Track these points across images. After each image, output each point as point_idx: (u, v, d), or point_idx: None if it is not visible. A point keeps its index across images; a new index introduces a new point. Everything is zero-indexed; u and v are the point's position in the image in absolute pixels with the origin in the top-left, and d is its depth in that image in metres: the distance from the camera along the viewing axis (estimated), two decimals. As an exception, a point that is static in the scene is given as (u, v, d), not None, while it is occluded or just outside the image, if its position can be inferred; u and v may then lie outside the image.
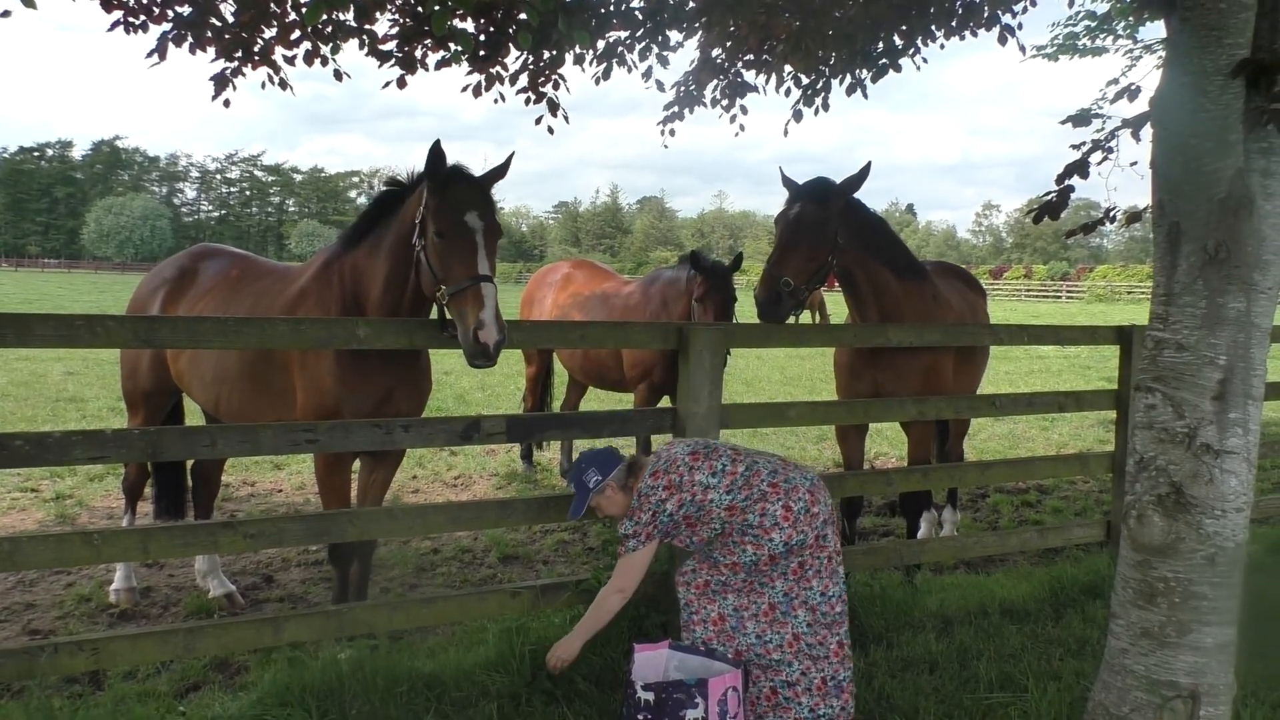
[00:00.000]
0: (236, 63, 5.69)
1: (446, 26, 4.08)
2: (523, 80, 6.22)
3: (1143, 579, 3.27)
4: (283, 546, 5.57)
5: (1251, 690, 3.91)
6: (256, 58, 5.70)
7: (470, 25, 5.72)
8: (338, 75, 5.88)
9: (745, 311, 5.90)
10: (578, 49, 6.07)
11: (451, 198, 3.85)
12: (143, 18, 5.31)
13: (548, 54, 6.03)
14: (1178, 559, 3.19)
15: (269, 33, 5.60)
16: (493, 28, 5.74)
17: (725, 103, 7.01)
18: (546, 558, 6.30)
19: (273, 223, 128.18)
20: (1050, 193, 3.81)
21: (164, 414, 5.41)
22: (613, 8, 5.96)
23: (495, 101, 6.32)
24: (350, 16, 5.51)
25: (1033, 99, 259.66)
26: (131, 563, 5.29)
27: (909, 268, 5.48)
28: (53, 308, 27.30)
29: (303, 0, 5.33)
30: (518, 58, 6.06)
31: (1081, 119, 3.72)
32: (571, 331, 4.98)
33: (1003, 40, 6.20)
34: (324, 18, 5.30)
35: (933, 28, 6.17)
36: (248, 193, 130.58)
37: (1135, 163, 4.17)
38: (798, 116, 7.05)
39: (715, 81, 6.89)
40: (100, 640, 3.46)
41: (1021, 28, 6.34)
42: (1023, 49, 6.51)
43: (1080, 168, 3.78)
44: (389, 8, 5.60)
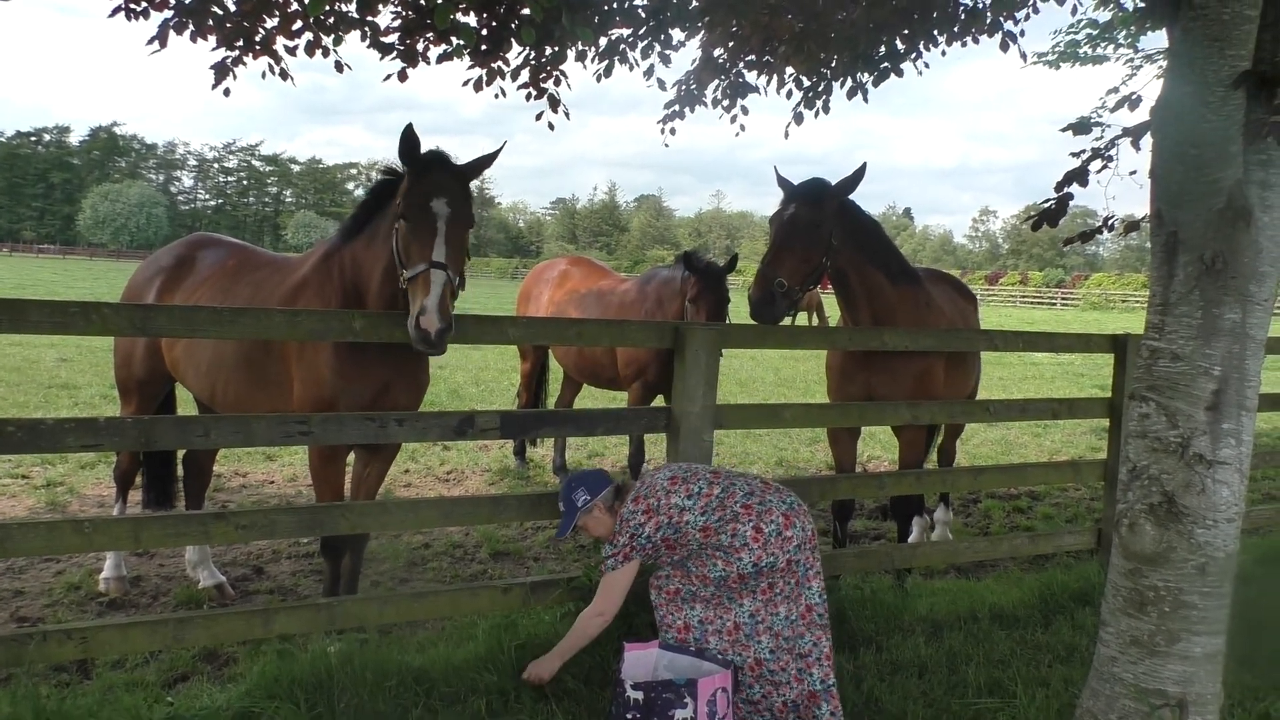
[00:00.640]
0: (237, 52, 5.66)
1: (449, 20, 4.07)
2: (524, 76, 6.21)
3: (1133, 587, 3.28)
4: (274, 538, 5.56)
5: (1239, 700, 3.92)
6: (258, 47, 5.67)
7: (473, 19, 5.71)
8: (339, 67, 5.86)
9: (740, 312, 5.90)
10: (580, 45, 6.05)
11: (421, 182, 3.84)
12: (144, 4, 5.28)
13: (550, 50, 6.02)
14: (1168, 568, 3.20)
15: (271, 22, 5.57)
16: (495, 22, 5.73)
17: (726, 103, 7.00)
18: (538, 554, 6.29)
19: (269, 213, 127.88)
20: (1049, 200, 3.81)
21: (157, 403, 5.40)
22: (616, 5, 5.95)
23: (496, 96, 6.31)
24: (353, 8, 5.50)
25: (1032, 106, 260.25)
26: (122, 552, 5.27)
27: (902, 272, 5.48)
28: (47, 294, 27.21)
29: (305, -9, 5.31)
30: (520, 53, 6.05)
31: (1082, 127, 3.73)
32: (567, 328, 4.98)
33: (1004, 47, 6.20)
34: (327, 9, 5.30)
35: (935, 32, 6.17)
36: (245, 182, 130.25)
37: (1134, 172, 4.18)
38: (798, 119, 7.05)
39: (716, 81, 6.89)
40: (89, 629, 3.45)
41: (1024, 34, 6.35)
42: (1024, 56, 6.51)
43: (1079, 175, 3.78)
44: (392, 0, 5.59)
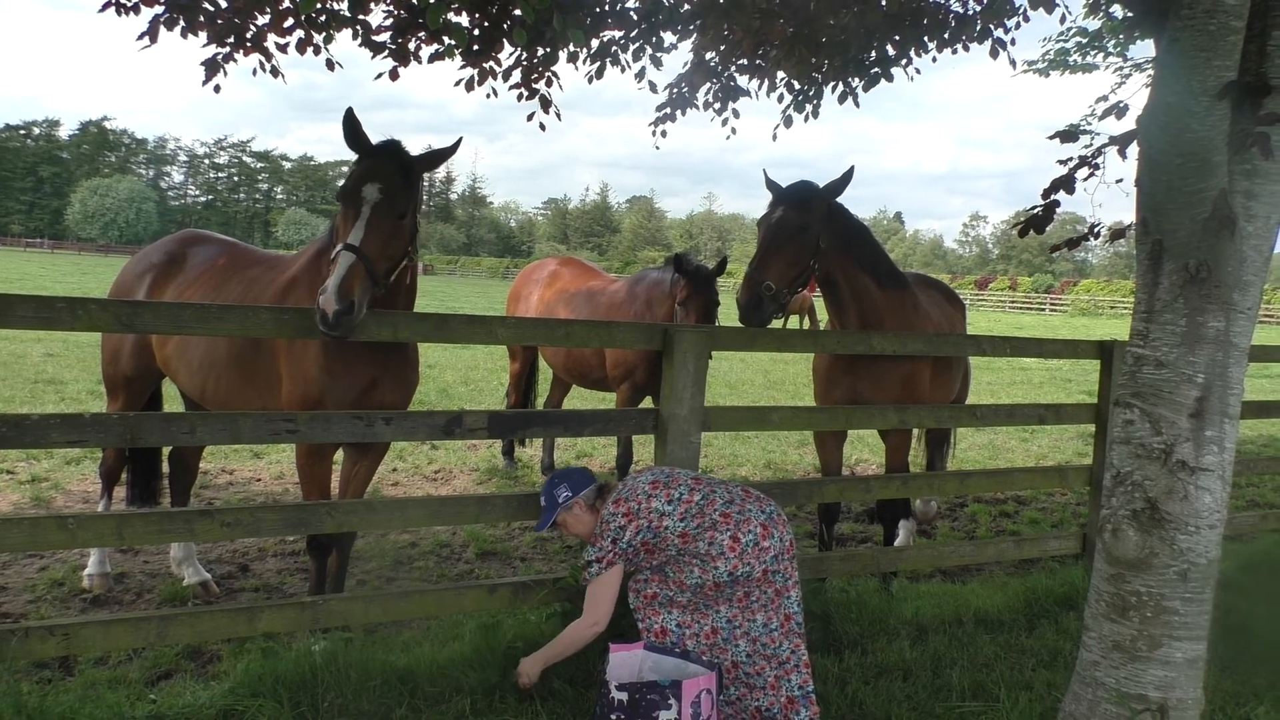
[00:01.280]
0: (228, 48, 5.65)
1: (441, 20, 4.07)
2: (516, 76, 6.22)
3: (1116, 592, 3.30)
4: (260, 536, 5.54)
5: (1220, 706, 3.95)
6: (249, 44, 5.66)
7: (465, 19, 5.71)
8: (330, 65, 5.85)
9: (730, 314, 5.91)
10: (572, 47, 6.06)
11: (360, 167, 3.85)
12: (135, 0, 5.27)
13: (542, 51, 6.02)
14: (1151, 574, 3.22)
15: (262, 20, 5.56)
16: (487, 23, 5.73)
17: (717, 105, 7.02)
18: (525, 554, 6.29)
19: (260, 209, 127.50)
20: (1036, 207, 3.84)
21: (144, 400, 5.38)
22: (608, 7, 5.96)
23: (488, 96, 6.32)
24: (344, 6, 5.50)
25: (1022, 113, 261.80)
26: (106, 548, 5.25)
27: (890, 276, 5.49)
28: (34, 288, 27.06)
29: (297, -12, 5.30)
30: (511, 53, 6.05)
31: (1070, 135, 3.75)
32: (556, 329, 4.97)
33: (994, 54, 6.23)
34: (318, 6, 5.29)
35: (925, 39, 6.20)
36: (235, 178, 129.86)
37: (1121, 180, 4.20)
38: (788, 122, 7.07)
39: (708, 84, 6.90)
40: (72, 625, 3.43)
41: (1014, 42, 6.37)
42: (1013, 63, 6.54)
43: (1066, 183, 3.81)
44: (383, -1, 5.59)
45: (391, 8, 5.69)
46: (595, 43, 6.27)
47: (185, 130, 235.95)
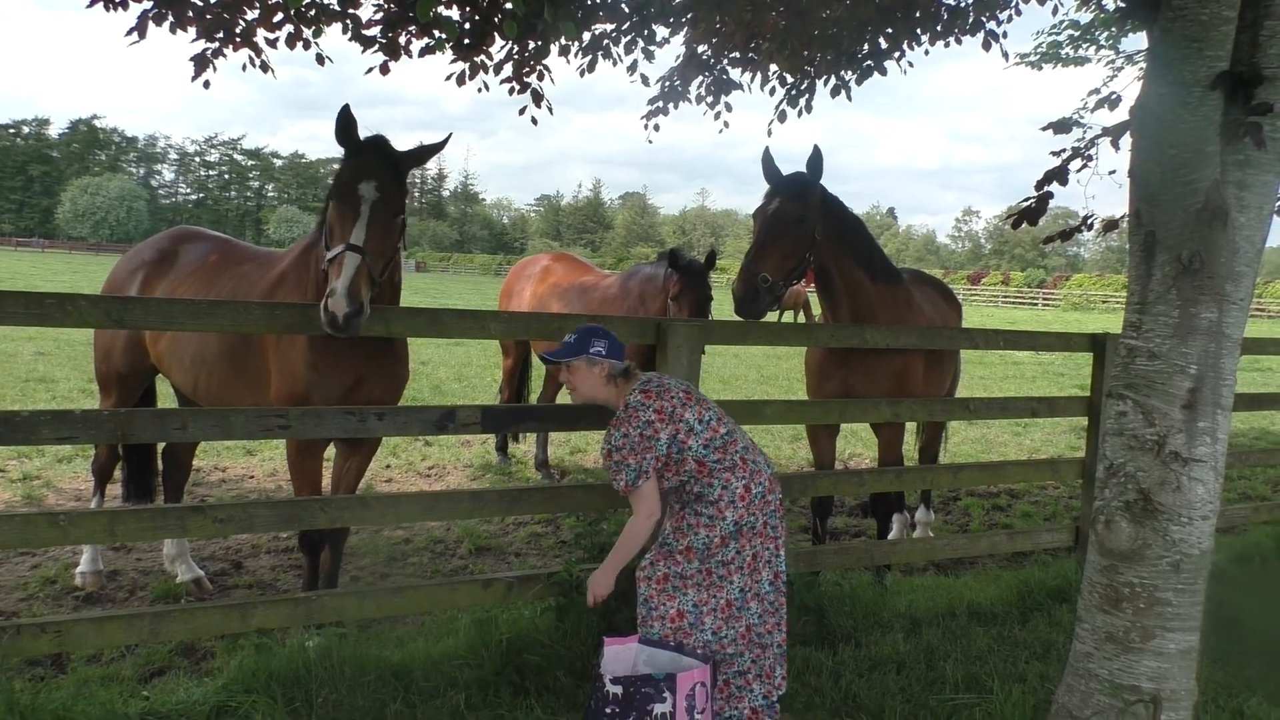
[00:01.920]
0: (217, 43, 5.62)
1: (432, 13, 4.05)
2: (507, 70, 6.20)
3: (1109, 584, 3.30)
4: (253, 532, 5.54)
5: (1212, 697, 3.96)
6: (238, 39, 5.63)
7: (455, 13, 5.69)
8: (320, 59, 5.83)
9: (722, 309, 5.90)
10: (563, 40, 6.04)
11: (353, 164, 3.81)
12: (123, -6, 5.24)
13: (533, 44, 6.01)
14: (1144, 565, 3.22)
15: (251, 14, 5.53)
16: (478, 16, 5.71)
17: (710, 99, 7.01)
18: (519, 550, 6.28)
19: (251, 207, 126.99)
20: (1030, 198, 3.83)
21: (137, 397, 5.35)
22: (599, 0, 5.94)
23: (479, 90, 6.30)
24: (334, 0, 5.47)
25: (1014, 107, 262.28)
26: (98, 545, 5.23)
27: (883, 270, 5.49)
28: (25, 286, 26.93)
29: (286, -18, 5.28)
30: (502, 47, 6.04)
31: (1063, 126, 3.75)
32: (549, 323, 4.96)
33: (987, 46, 6.23)
34: (307, 0, 5.26)
35: (918, 31, 6.20)
36: (226, 176, 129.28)
37: (1114, 171, 4.21)
38: (782, 116, 7.06)
39: (700, 78, 6.89)
40: (64, 623, 3.42)
41: (1006, 35, 6.38)
42: (1006, 55, 6.54)
43: (1060, 174, 3.81)
44: (374, -8, 5.56)
45: (381, 1, 5.67)
46: (587, 36, 6.26)
47: (176, 128, 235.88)
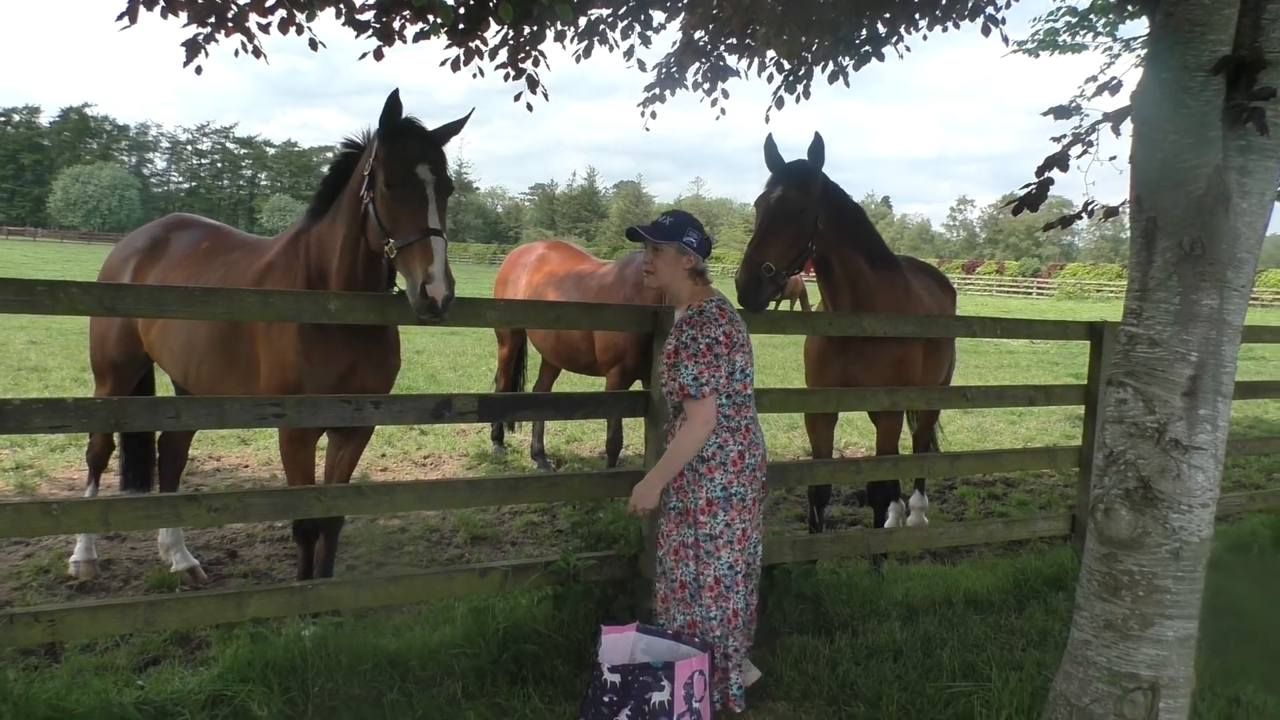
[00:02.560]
0: (209, 28, 5.55)
1: (426, -3, 4.00)
2: (502, 55, 6.14)
3: (1108, 572, 3.29)
4: (248, 521, 5.49)
5: (1208, 684, 3.96)
6: (230, 24, 5.55)
7: (450, -3, 5.62)
8: (313, 45, 5.76)
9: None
10: (559, 25, 5.99)
11: (402, 148, 3.78)
12: (114, -22, 5.18)
13: (529, 29, 5.94)
14: (1143, 553, 3.21)
15: (243, -2, 5.47)
16: (473, 0, 5.65)
17: (706, 86, 6.95)
18: (515, 539, 6.27)
19: (244, 196, 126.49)
20: (1030, 185, 3.80)
21: (132, 386, 5.33)
22: (596, -15, 5.89)
23: (474, 76, 6.23)
24: (328, -16, 5.40)
25: (1009, 96, 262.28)
26: (92, 535, 5.21)
27: (883, 258, 5.47)
28: (15, 275, 26.78)
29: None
30: (498, 32, 5.97)
31: (1063, 111, 3.72)
32: (545, 311, 4.94)
33: (986, 31, 6.19)
34: (300, -16, 5.20)
35: (916, 16, 6.15)
36: (219, 165, 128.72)
37: (1114, 157, 4.18)
38: (779, 103, 7.00)
39: (697, 64, 6.83)
40: (58, 612, 3.40)
41: (1004, 21, 6.34)
42: (1006, 40, 6.50)
43: (1060, 160, 3.78)
44: (367, -24, 5.50)
45: (375, -15, 5.60)
46: (583, 20, 6.20)
47: (167, 117, 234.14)
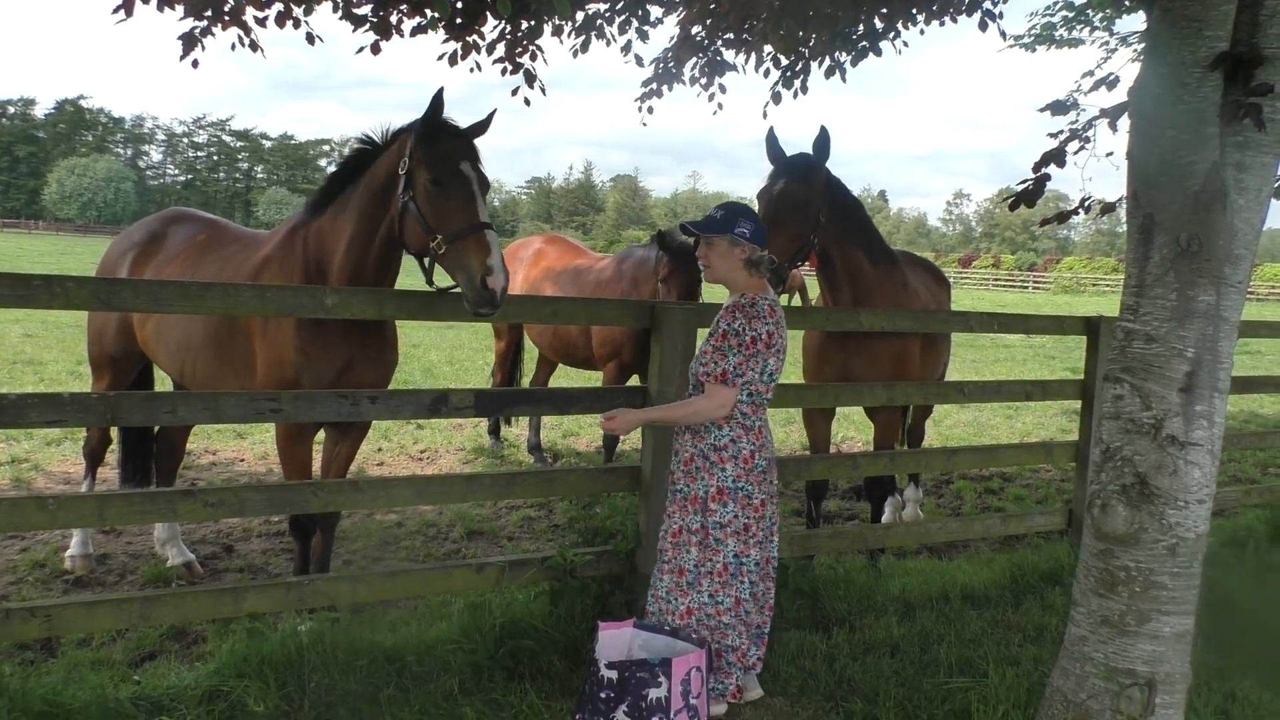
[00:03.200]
0: (206, 22, 5.53)
1: (424, -10, 3.99)
2: (500, 50, 6.12)
3: (1104, 568, 3.30)
4: (244, 516, 5.51)
5: (1206, 680, 3.97)
6: (227, 17, 5.54)
7: (448, -9, 5.60)
8: (310, 39, 5.75)
9: (711, 292, 5.86)
10: (557, 19, 5.98)
11: (446, 146, 3.85)
12: (109, -29, 5.14)
13: (526, 24, 5.93)
14: (1140, 548, 3.21)
15: (240, -9, 5.44)
16: (471, -6, 5.64)
17: (704, 81, 6.95)
18: (512, 534, 6.27)
19: (240, 189, 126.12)
20: (1027, 180, 3.80)
21: (130, 380, 5.31)
22: (594, -21, 5.88)
23: (471, 71, 6.21)
24: (324, -23, 5.38)
25: (1005, 91, 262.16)
26: (88, 529, 5.20)
27: (882, 253, 5.46)
28: (10, 268, 26.71)
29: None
30: (495, 26, 5.96)
31: (1060, 107, 3.72)
32: (543, 306, 4.93)
33: (983, 25, 6.18)
34: (297, -22, 5.18)
35: (914, 10, 6.14)
36: (215, 158, 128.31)
37: (1111, 153, 4.18)
38: (776, 98, 7.00)
39: (694, 59, 6.83)
40: (54, 607, 3.39)
41: (1002, 16, 6.33)
42: (1003, 34, 6.50)
43: (1057, 156, 3.77)
44: (364, -30, 5.48)
45: (373, -21, 5.58)
46: (581, 15, 6.19)
47: (163, 109, 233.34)
